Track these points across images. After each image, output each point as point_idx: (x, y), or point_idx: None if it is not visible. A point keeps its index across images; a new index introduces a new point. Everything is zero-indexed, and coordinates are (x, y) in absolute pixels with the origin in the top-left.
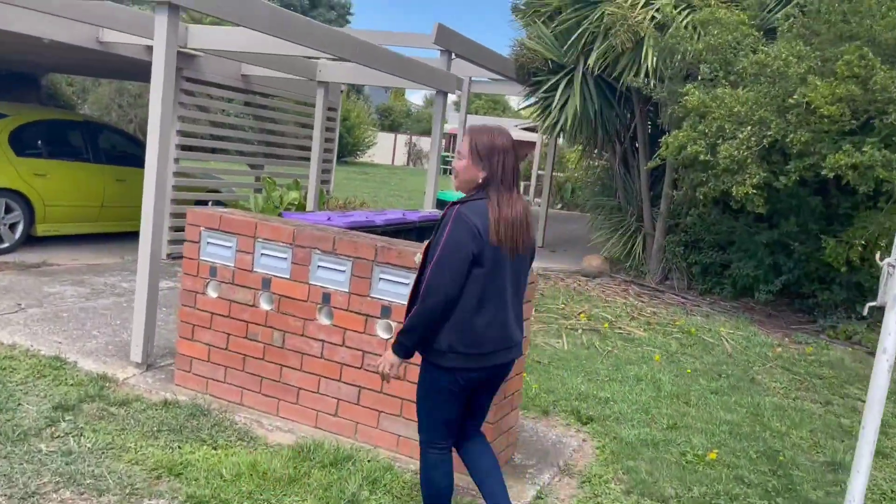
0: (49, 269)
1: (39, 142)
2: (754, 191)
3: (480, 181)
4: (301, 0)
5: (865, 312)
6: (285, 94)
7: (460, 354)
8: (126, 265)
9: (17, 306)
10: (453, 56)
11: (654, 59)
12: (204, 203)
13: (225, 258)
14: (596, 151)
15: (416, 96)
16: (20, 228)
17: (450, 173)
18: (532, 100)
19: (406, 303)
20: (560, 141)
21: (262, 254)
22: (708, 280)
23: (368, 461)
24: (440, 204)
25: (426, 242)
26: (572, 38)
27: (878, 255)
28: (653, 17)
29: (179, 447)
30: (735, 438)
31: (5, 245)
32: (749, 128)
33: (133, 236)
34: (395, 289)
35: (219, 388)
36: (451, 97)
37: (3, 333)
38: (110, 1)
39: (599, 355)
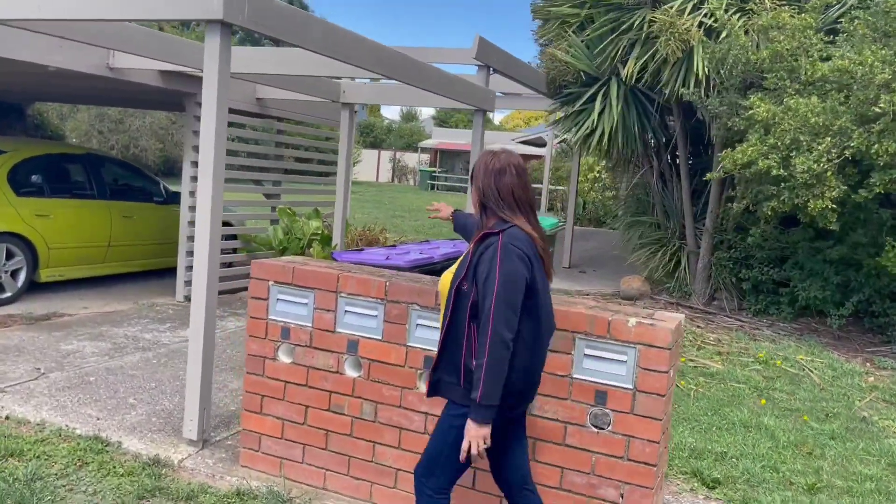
0: (60, 320)
1: (41, 179)
2: (832, 205)
3: (476, 204)
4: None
5: None
6: (301, 117)
7: (512, 396)
8: (141, 311)
9: (37, 371)
10: (491, 71)
11: (706, 67)
12: None
13: (300, 317)
14: (631, 166)
15: (392, 111)
16: (23, 275)
17: (436, 188)
18: (558, 114)
19: (437, 352)
20: (574, 155)
21: (346, 311)
22: (761, 300)
23: None
24: None
25: (445, 277)
26: (607, 48)
27: None
28: (700, 24)
29: None
30: (888, 499)
31: (7, 295)
32: (828, 139)
33: (140, 277)
34: None
35: (296, 470)
36: (429, 111)
37: (28, 408)
38: (131, 22)
39: (687, 396)
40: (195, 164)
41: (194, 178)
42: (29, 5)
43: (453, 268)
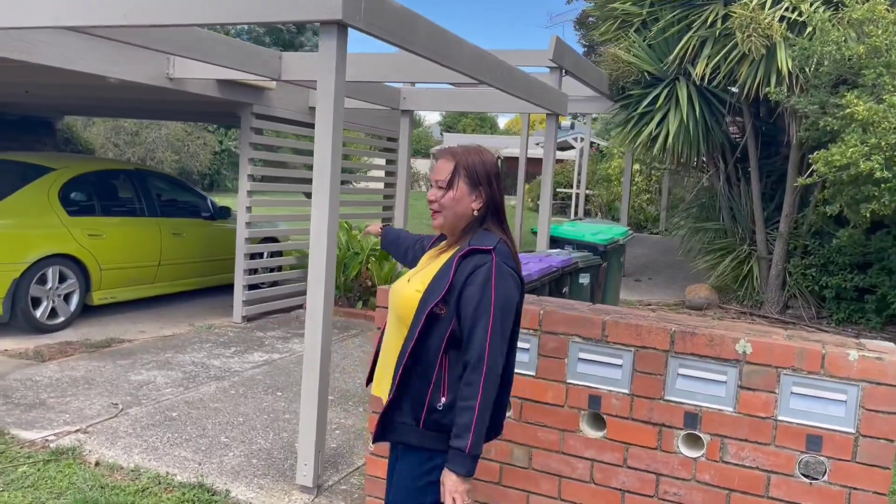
0: (120, 347)
1: (91, 197)
2: None
3: (476, 214)
4: (286, 25)
5: None
6: (352, 126)
7: (497, 432)
8: (200, 334)
9: (114, 407)
10: (564, 73)
11: (790, 64)
12: (259, 255)
13: None
14: (694, 170)
15: None
16: (75, 299)
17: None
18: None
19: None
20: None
21: None
22: (844, 307)
23: None
24: (553, 242)
25: (404, 291)
26: (673, 47)
27: None
28: (782, 18)
29: None
30: None
31: (60, 320)
32: None
33: (187, 296)
34: (704, 388)
35: None
36: (434, 117)
37: (118, 451)
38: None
39: None
40: (252, 177)
41: (250, 193)
42: (113, 14)
43: (412, 280)
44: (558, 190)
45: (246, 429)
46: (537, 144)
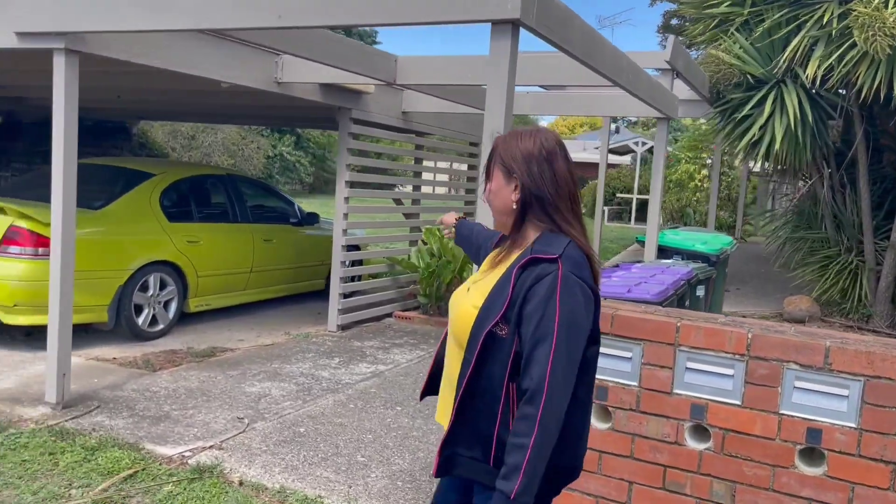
0: (224, 356)
1: (189, 203)
2: None
3: (515, 206)
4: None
5: None
6: (440, 131)
7: (568, 472)
8: (300, 344)
9: (240, 421)
10: (675, 76)
11: None
12: (357, 262)
13: (621, 374)
14: (795, 178)
15: None
16: (174, 306)
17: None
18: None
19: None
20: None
21: (687, 368)
22: None
23: None
24: (661, 251)
25: (462, 303)
26: (779, 48)
27: None
28: None
29: None
30: None
31: (160, 327)
32: None
33: (275, 303)
34: None
35: None
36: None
37: (258, 470)
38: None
39: None
40: (351, 184)
41: (347, 199)
42: (268, 15)
43: (472, 290)
44: (618, 195)
45: (378, 447)
46: (585, 149)
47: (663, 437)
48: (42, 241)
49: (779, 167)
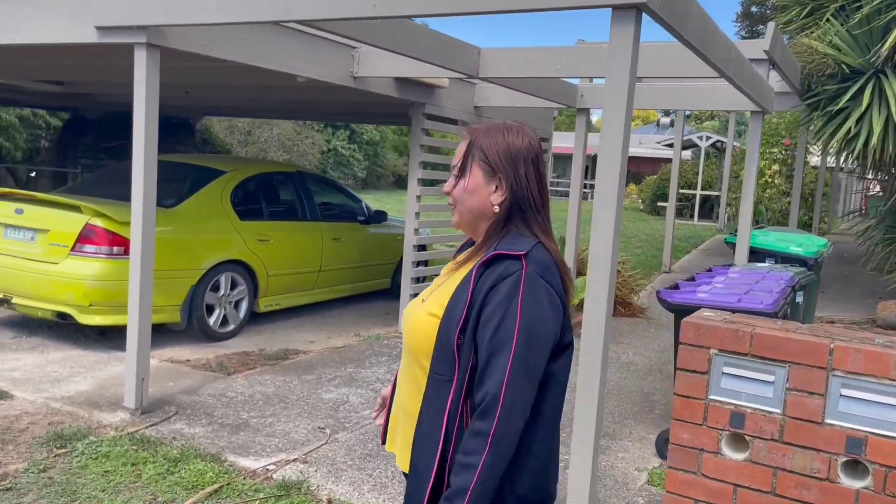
0: (297, 359)
1: (259, 201)
2: None
3: (498, 210)
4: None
5: None
6: None
7: (530, 500)
8: (372, 346)
9: (321, 431)
10: (771, 67)
11: None
12: (424, 263)
13: (762, 400)
14: (891, 175)
15: None
16: (244, 306)
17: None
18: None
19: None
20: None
21: (842, 395)
22: None
23: None
24: (751, 254)
25: (417, 315)
26: (876, 36)
27: None
28: None
29: None
30: None
31: (231, 328)
32: None
33: (341, 303)
34: None
35: None
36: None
37: (346, 488)
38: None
39: None
40: (423, 181)
41: (419, 198)
42: (361, 5)
43: (427, 299)
44: (679, 191)
45: None
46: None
47: (812, 472)
48: (117, 241)
49: (872, 162)
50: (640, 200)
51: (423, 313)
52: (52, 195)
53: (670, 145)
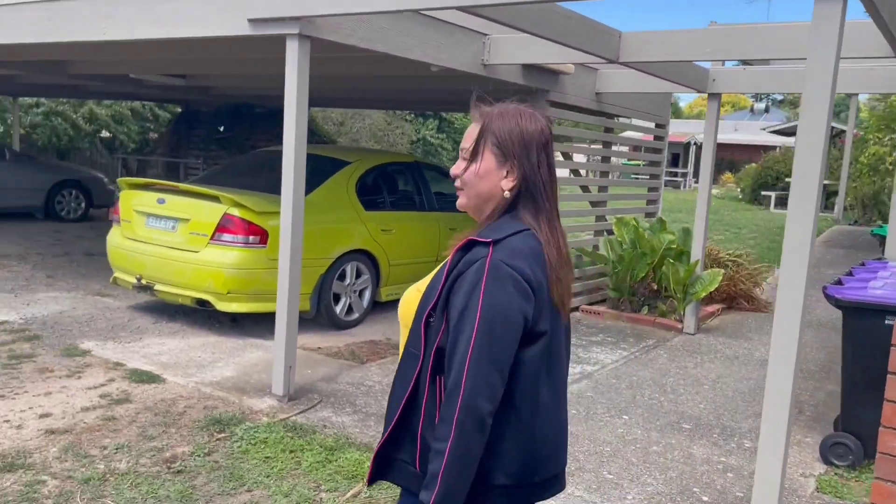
0: None
1: (382, 191)
2: None
3: (508, 195)
4: None
5: None
6: (632, 113)
7: (509, 491)
8: None
9: None
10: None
11: None
12: None
13: None
14: None
15: None
16: (367, 295)
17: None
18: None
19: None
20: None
21: None
22: None
23: None
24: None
25: (409, 296)
26: None
27: None
28: None
29: None
30: None
31: (355, 317)
32: None
33: None
34: None
35: None
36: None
37: None
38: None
39: None
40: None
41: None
42: None
43: (421, 283)
44: (787, 179)
45: (622, 463)
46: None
47: None
48: (253, 230)
49: None
50: (738, 189)
51: (413, 289)
52: (193, 185)
53: (777, 132)
